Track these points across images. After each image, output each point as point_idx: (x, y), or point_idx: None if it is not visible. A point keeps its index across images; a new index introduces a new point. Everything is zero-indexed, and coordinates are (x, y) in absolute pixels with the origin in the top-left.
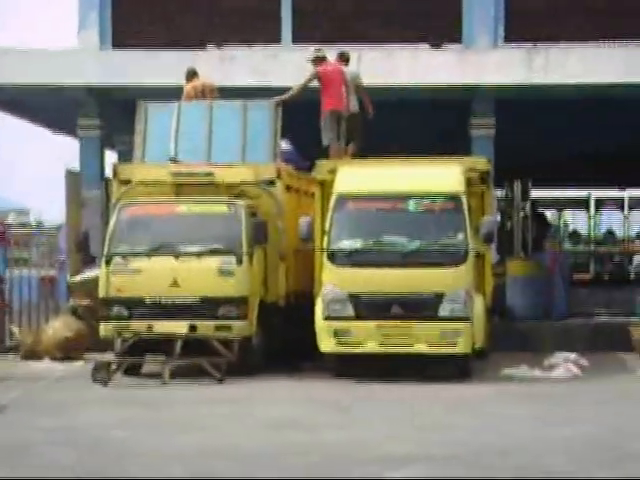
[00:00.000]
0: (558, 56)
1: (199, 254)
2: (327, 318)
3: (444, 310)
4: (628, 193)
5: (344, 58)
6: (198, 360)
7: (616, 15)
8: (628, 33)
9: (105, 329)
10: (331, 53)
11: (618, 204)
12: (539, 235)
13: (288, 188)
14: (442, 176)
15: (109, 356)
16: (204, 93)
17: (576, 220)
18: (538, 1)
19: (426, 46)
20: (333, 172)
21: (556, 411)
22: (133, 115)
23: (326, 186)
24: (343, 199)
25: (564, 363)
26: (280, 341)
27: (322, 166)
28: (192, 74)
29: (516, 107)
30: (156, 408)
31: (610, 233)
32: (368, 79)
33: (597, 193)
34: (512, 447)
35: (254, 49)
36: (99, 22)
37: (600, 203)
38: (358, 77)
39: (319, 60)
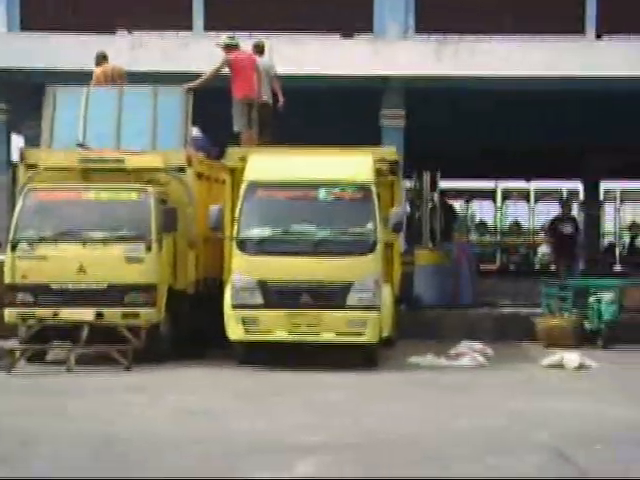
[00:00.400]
0: (468, 48)
1: (107, 240)
2: (236, 306)
3: (352, 299)
4: (534, 185)
5: (259, 49)
6: (105, 347)
7: (527, 8)
8: (542, 26)
9: (9, 315)
10: (245, 42)
11: (524, 196)
12: (447, 225)
13: (199, 175)
14: (352, 166)
15: (13, 343)
16: (114, 78)
17: (483, 211)
18: None
19: (337, 36)
20: (244, 160)
21: (461, 400)
22: (41, 99)
23: (237, 174)
24: (253, 187)
25: (470, 352)
26: (188, 329)
27: (233, 153)
28: (102, 58)
29: (426, 98)
30: (61, 395)
31: (516, 224)
32: (278, 68)
33: (504, 184)
34: (417, 436)
35: (165, 35)
36: (6, 5)
37: (507, 194)
38: (272, 68)
39: (231, 47)
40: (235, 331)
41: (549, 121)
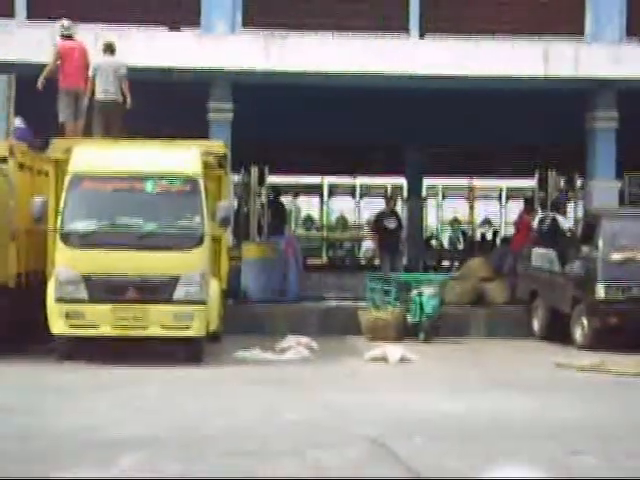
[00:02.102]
0: (294, 44)
1: None
2: (59, 300)
3: (179, 293)
4: (359, 181)
5: (110, 48)
6: None
7: (352, 6)
8: (366, 24)
9: None
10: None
11: (349, 191)
12: (275, 220)
13: (21, 166)
14: (179, 158)
15: None
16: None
17: (310, 206)
18: None
19: (164, 29)
20: (68, 151)
21: (285, 394)
22: None
23: (61, 165)
24: (78, 179)
25: (296, 346)
26: (9, 323)
27: (57, 145)
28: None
29: (254, 93)
30: None
31: (342, 219)
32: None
33: (330, 180)
34: (240, 430)
35: None
36: None
37: (333, 190)
38: (122, 67)
39: (65, 37)
40: (58, 325)
41: (374, 118)
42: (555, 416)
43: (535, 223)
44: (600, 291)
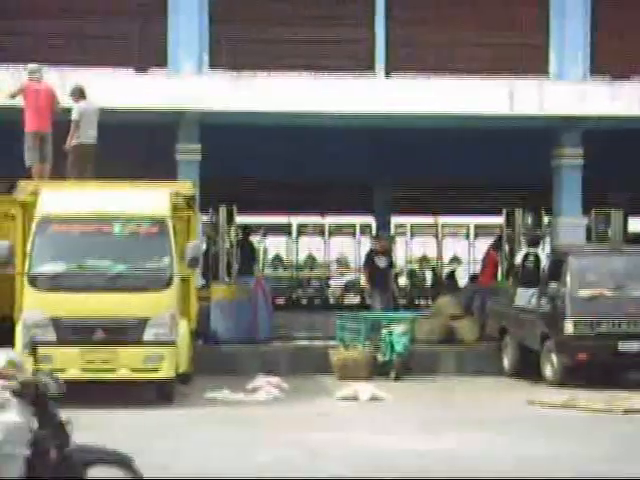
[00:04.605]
0: (262, 83)
1: None
2: (27, 344)
3: (148, 335)
4: (328, 220)
5: (80, 93)
6: None
7: (320, 46)
8: (335, 64)
9: None
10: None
11: (317, 230)
12: (244, 260)
13: None
14: (148, 199)
15: None
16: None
17: (279, 245)
18: (241, 30)
19: (131, 70)
20: (35, 193)
21: (257, 434)
22: None
23: (28, 207)
24: (45, 221)
25: (266, 386)
26: None
27: (24, 187)
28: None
29: (222, 132)
30: None
31: (311, 258)
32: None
33: (299, 219)
34: (213, 470)
35: None
36: None
37: (302, 229)
38: (98, 110)
39: (32, 79)
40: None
41: (340, 155)
42: (527, 453)
43: (518, 260)
44: (569, 327)
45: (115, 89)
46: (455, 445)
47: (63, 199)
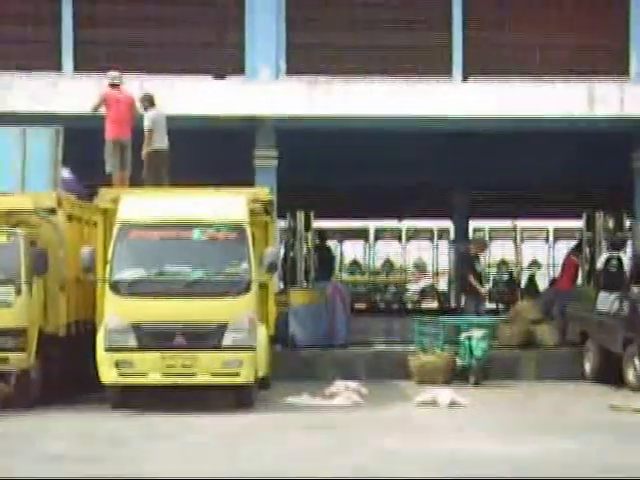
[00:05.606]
0: (339, 89)
1: None
2: (109, 349)
3: (227, 340)
4: (405, 224)
5: (150, 100)
6: None
7: (396, 50)
8: (410, 68)
9: None
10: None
11: (395, 235)
12: (321, 265)
13: (70, 217)
14: (226, 206)
15: None
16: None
17: (356, 250)
18: (317, 36)
19: (209, 77)
20: (116, 201)
21: (336, 439)
22: None
23: (109, 215)
24: (126, 228)
25: (344, 391)
26: (60, 372)
27: (105, 194)
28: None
29: (299, 138)
30: None
31: (388, 262)
32: None
33: (376, 224)
34: (294, 474)
35: (33, 76)
36: None
37: (379, 234)
38: (165, 118)
39: (113, 85)
40: (108, 374)
41: (417, 160)
42: (615, 461)
43: (601, 264)
44: None
45: (194, 96)
46: (538, 451)
47: (143, 206)
